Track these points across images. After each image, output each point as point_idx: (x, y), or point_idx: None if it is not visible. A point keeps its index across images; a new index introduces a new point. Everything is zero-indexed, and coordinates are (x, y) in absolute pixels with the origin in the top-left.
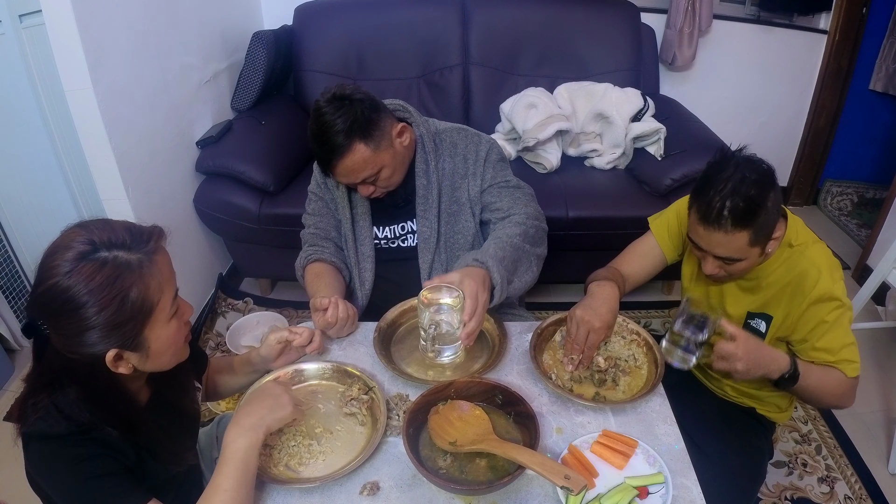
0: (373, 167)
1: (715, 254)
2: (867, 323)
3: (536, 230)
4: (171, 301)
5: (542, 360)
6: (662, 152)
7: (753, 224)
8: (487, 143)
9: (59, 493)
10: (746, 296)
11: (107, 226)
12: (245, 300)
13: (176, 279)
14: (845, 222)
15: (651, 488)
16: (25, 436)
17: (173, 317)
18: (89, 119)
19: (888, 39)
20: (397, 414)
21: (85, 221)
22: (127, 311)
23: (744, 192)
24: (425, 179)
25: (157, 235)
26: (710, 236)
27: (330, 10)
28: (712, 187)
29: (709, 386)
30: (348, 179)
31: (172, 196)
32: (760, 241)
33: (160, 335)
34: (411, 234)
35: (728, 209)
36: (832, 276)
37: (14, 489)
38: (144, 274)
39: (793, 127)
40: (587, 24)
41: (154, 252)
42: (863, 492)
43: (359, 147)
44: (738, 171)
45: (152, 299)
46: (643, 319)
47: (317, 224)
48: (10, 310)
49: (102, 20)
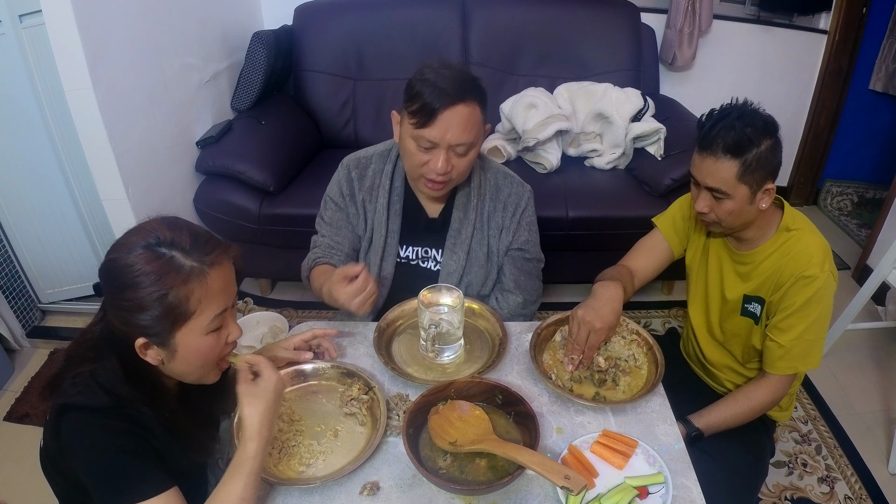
0: (474, 136)
1: (706, 184)
2: (867, 323)
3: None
4: (213, 316)
5: (542, 360)
6: (662, 152)
7: (742, 157)
8: (528, 197)
9: (87, 465)
10: (743, 281)
11: (177, 226)
12: (245, 300)
13: (233, 299)
14: (845, 222)
15: (651, 488)
16: (61, 407)
17: (213, 332)
18: (89, 119)
19: (888, 39)
20: (397, 414)
21: (165, 217)
22: (163, 309)
23: (738, 127)
24: (462, 213)
25: (221, 249)
26: (703, 162)
27: (330, 10)
28: (714, 119)
29: (709, 383)
30: (447, 135)
31: (172, 196)
32: (748, 180)
33: (190, 344)
34: (433, 261)
35: (721, 137)
36: (822, 263)
37: (14, 489)
38: (191, 281)
39: (793, 127)
40: (587, 24)
41: (211, 265)
42: (863, 492)
43: (476, 108)
44: (741, 113)
45: (191, 307)
46: (643, 319)
47: (333, 237)
48: (10, 310)
49: (102, 20)
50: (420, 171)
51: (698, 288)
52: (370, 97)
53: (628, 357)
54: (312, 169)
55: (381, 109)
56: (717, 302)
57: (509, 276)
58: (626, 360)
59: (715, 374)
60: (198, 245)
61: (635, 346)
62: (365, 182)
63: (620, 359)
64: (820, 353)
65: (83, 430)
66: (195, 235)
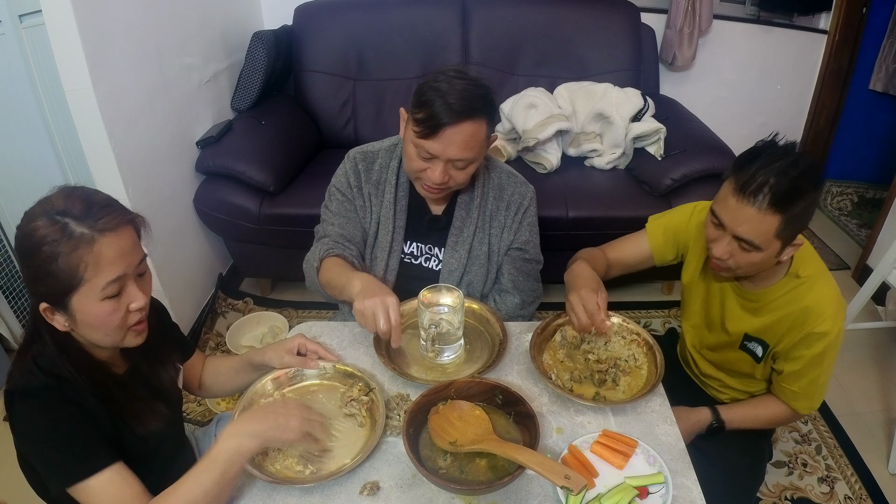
0: (475, 153)
1: (736, 233)
2: (867, 323)
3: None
4: (106, 283)
5: (542, 360)
6: (662, 152)
7: (789, 211)
8: (531, 197)
9: (36, 452)
10: (747, 316)
11: (72, 194)
12: (245, 300)
13: (133, 266)
14: (845, 222)
15: (651, 488)
16: (9, 395)
17: (109, 298)
18: (89, 119)
19: (888, 39)
20: (397, 414)
21: (65, 186)
22: (53, 275)
23: (792, 175)
24: (464, 212)
25: (115, 215)
26: (741, 210)
27: (330, 10)
28: (759, 161)
29: (706, 390)
30: (447, 150)
31: (172, 196)
32: (785, 235)
33: (87, 310)
34: (435, 258)
35: (770, 185)
36: (835, 317)
37: (14, 489)
38: (80, 247)
39: (793, 127)
40: (587, 24)
41: (102, 230)
42: (863, 492)
43: (483, 125)
44: (789, 155)
45: (80, 274)
46: (643, 319)
47: (343, 225)
48: (10, 310)
49: (102, 20)
50: (418, 175)
51: (695, 309)
52: (370, 97)
53: (628, 357)
54: (312, 169)
55: (381, 109)
56: (716, 330)
57: (507, 276)
58: (626, 360)
59: (709, 384)
60: (91, 212)
61: (635, 346)
62: (371, 176)
63: (620, 359)
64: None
65: (30, 418)
66: (89, 203)
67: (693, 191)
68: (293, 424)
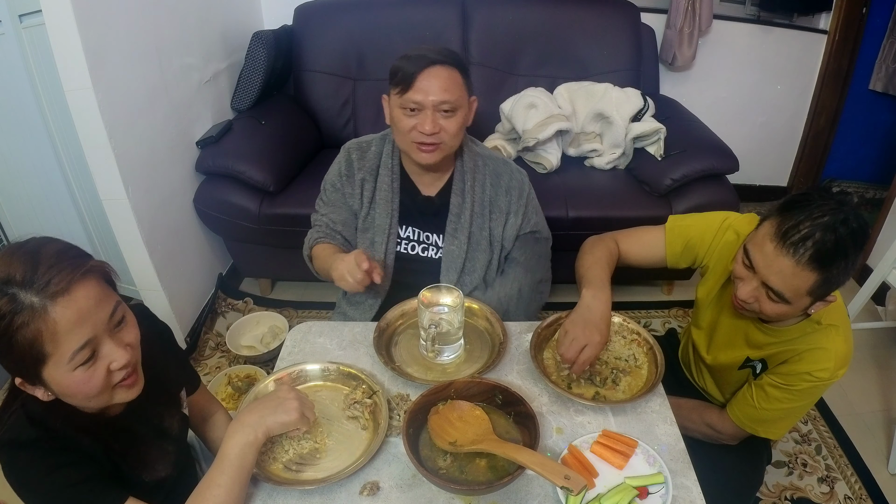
0: (456, 96)
1: (767, 281)
2: (867, 323)
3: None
4: (73, 352)
5: (542, 360)
6: (662, 152)
7: (828, 270)
8: (527, 181)
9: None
10: (756, 344)
11: (14, 255)
12: (245, 300)
13: (102, 324)
14: None
15: (651, 488)
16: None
17: (83, 365)
18: (89, 119)
19: (888, 39)
20: (397, 414)
21: (10, 245)
22: (15, 352)
23: (840, 234)
24: (460, 198)
25: (66, 274)
26: (777, 259)
27: (330, 10)
28: (808, 210)
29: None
30: (429, 94)
31: (172, 196)
32: (818, 294)
33: (62, 381)
34: (434, 247)
35: (814, 240)
36: (837, 370)
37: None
38: (33, 321)
39: (793, 127)
40: (587, 24)
41: (55, 295)
42: (863, 492)
43: (456, 73)
44: (841, 210)
45: (40, 348)
46: (643, 319)
47: (330, 214)
48: None
49: (102, 20)
50: (410, 136)
51: (705, 322)
52: (370, 97)
53: (628, 357)
54: (312, 169)
55: (381, 109)
56: (722, 348)
57: (522, 258)
58: (626, 360)
59: (709, 392)
60: (36, 275)
61: (635, 346)
62: (366, 162)
63: (620, 359)
64: (787, 430)
65: (24, 468)
66: (34, 264)
67: (693, 191)
68: (291, 405)
